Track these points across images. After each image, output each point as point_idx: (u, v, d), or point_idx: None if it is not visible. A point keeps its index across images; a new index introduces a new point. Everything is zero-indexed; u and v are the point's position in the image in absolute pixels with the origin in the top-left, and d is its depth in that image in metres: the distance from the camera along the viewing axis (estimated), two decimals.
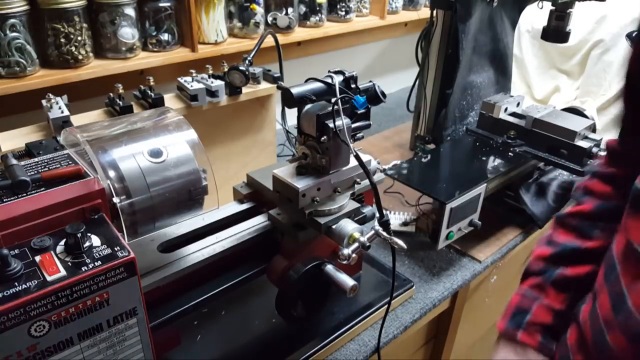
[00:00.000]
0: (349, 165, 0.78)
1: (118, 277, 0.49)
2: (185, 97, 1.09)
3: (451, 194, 1.00)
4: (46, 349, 0.47)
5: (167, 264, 0.67)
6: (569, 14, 1.23)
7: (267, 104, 1.24)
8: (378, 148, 1.62)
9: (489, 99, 1.29)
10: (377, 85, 0.77)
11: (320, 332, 0.86)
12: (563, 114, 1.25)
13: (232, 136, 1.21)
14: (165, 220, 0.65)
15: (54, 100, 0.94)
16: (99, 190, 0.55)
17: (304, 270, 0.74)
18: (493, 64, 1.46)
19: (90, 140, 0.61)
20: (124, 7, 1.24)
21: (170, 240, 0.73)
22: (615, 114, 1.69)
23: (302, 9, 1.68)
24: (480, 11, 1.34)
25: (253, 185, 0.87)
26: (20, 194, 0.52)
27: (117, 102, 1.01)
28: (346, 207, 0.78)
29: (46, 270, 0.47)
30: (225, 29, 1.47)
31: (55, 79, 1.17)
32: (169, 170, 0.63)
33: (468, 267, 1.11)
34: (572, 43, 1.70)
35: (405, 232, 1.19)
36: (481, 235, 1.16)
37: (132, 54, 1.30)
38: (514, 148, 1.21)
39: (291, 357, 0.82)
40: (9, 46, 1.11)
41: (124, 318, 0.52)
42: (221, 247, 0.72)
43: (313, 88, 0.71)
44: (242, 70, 1.07)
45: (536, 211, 1.19)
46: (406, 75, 2.14)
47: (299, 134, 0.77)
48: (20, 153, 0.63)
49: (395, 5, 1.96)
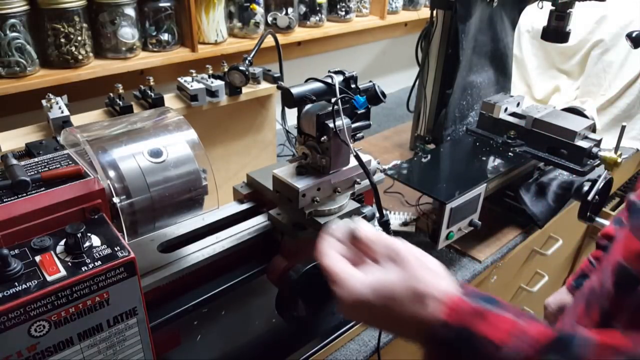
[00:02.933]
0: (349, 165, 0.78)
1: (118, 277, 0.49)
2: (185, 97, 1.09)
3: (451, 194, 1.00)
4: (46, 349, 0.47)
5: (167, 264, 0.67)
6: (569, 14, 1.23)
7: (267, 104, 1.23)
8: (378, 148, 1.62)
9: (489, 99, 1.29)
10: (377, 85, 0.77)
11: (320, 332, 0.86)
12: (563, 114, 1.25)
13: (232, 136, 1.21)
14: (165, 220, 0.65)
15: (54, 100, 0.94)
16: (99, 190, 0.55)
17: (304, 270, 0.74)
18: (493, 64, 1.46)
19: (90, 140, 0.61)
20: (124, 7, 1.24)
21: (170, 240, 0.73)
22: (616, 114, 1.69)
23: (302, 9, 1.68)
24: (480, 11, 1.34)
25: (253, 185, 0.87)
26: (20, 194, 0.52)
27: (117, 102, 1.01)
28: (346, 207, 0.78)
29: (46, 270, 0.47)
30: (225, 29, 1.47)
31: (55, 79, 1.17)
32: (169, 170, 0.63)
33: (468, 267, 1.11)
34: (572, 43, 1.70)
35: (405, 232, 1.19)
36: (481, 235, 1.16)
37: (132, 54, 1.30)
38: (514, 148, 1.21)
39: (291, 357, 0.82)
40: (9, 46, 1.10)
41: (124, 318, 0.52)
42: (221, 247, 0.72)
43: (313, 88, 0.71)
44: (242, 70, 1.07)
45: (536, 211, 1.19)
46: (406, 75, 2.14)
47: (299, 134, 0.77)
48: (20, 153, 0.63)
49: (395, 5, 1.96)
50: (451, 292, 0.49)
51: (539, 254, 1.39)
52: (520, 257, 1.32)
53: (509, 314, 0.46)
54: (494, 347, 0.44)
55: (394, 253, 0.52)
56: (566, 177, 1.30)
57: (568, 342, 0.42)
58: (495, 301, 0.48)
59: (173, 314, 0.67)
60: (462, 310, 0.46)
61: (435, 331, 0.47)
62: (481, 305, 0.47)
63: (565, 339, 0.43)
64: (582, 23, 1.68)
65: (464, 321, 0.46)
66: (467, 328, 0.45)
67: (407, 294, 0.49)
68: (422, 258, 0.52)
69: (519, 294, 1.47)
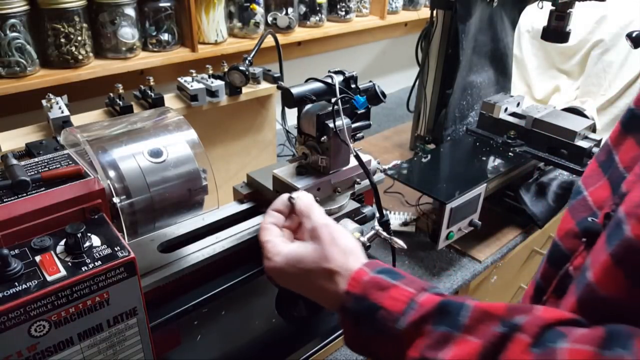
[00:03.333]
0: (349, 165, 0.78)
1: (118, 277, 0.49)
2: (185, 97, 1.09)
3: (451, 194, 1.00)
4: (46, 349, 0.47)
5: (167, 264, 0.67)
6: (569, 14, 1.23)
7: (267, 104, 1.24)
8: (378, 148, 1.62)
9: (489, 99, 1.29)
10: (377, 85, 0.77)
11: (320, 332, 0.86)
12: (563, 114, 1.25)
13: (232, 136, 1.21)
14: (165, 220, 0.65)
15: (54, 100, 0.94)
16: (99, 190, 0.55)
17: None
18: (493, 64, 1.46)
19: (90, 140, 0.61)
20: (124, 7, 1.24)
21: (170, 240, 0.73)
22: (616, 114, 1.69)
23: (302, 9, 1.68)
24: (480, 11, 1.34)
25: (253, 185, 0.87)
26: (20, 194, 0.52)
27: (117, 102, 1.01)
28: (346, 207, 0.78)
29: (46, 270, 0.47)
30: (225, 29, 1.47)
31: (55, 79, 1.17)
32: (169, 170, 0.63)
33: (468, 267, 1.11)
34: (572, 43, 1.70)
35: (405, 232, 1.19)
36: (481, 235, 1.16)
37: (132, 54, 1.30)
38: (514, 148, 1.21)
39: (291, 357, 0.82)
40: (9, 46, 1.11)
41: (124, 318, 0.52)
42: (221, 247, 0.72)
43: (313, 88, 0.71)
44: (242, 70, 1.07)
45: (536, 211, 1.19)
46: (406, 75, 2.14)
47: (299, 134, 0.77)
48: (20, 153, 0.63)
49: (395, 5, 1.96)
50: (356, 267, 0.55)
51: (539, 254, 1.39)
52: (520, 257, 1.32)
53: (405, 285, 0.51)
54: (387, 314, 0.49)
55: (313, 230, 0.59)
56: (566, 177, 1.30)
57: (450, 308, 0.46)
58: (397, 274, 0.53)
59: (173, 314, 0.66)
60: (362, 281, 0.52)
61: (342, 301, 0.53)
62: (381, 277, 0.52)
63: (448, 304, 0.47)
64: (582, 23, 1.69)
65: (364, 291, 0.52)
66: (366, 297, 0.51)
67: (317, 270, 0.56)
68: (335, 236, 0.58)
69: (519, 294, 1.47)
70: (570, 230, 0.52)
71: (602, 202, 0.51)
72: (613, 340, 0.37)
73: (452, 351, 0.44)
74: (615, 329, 0.38)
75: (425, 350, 0.46)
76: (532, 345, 0.40)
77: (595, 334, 0.38)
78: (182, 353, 0.79)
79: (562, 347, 0.39)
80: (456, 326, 0.45)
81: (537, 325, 0.41)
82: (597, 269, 0.42)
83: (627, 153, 0.50)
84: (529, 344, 0.40)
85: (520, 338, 0.41)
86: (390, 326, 0.49)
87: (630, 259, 0.39)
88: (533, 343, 0.40)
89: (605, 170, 0.53)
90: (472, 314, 0.45)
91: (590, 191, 0.54)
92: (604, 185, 0.52)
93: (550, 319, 0.42)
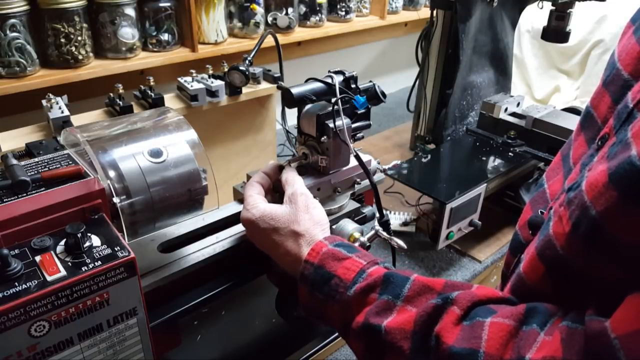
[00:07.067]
0: (349, 165, 0.78)
1: (118, 277, 0.49)
2: (185, 97, 1.09)
3: (451, 194, 1.00)
4: (46, 349, 0.47)
5: (167, 264, 0.67)
6: (569, 14, 1.23)
7: (267, 104, 1.24)
8: (378, 148, 1.62)
9: (489, 99, 1.29)
10: (377, 85, 0.77)
11: (320, 332, 0.86)
12: (563, 114, 1.25)
13: (232, 136, 1.21)
14: (165, 220, 0.65)
15: (54, 100, 0.94)
16: (99, 190, 0.55)
17: None
18: (493, 64, 1.46)
19: (90, 140, 0.61)
20: (124, 7, 1.24)
21: (170, 240, 0.73)
22: None
23: (302, 9, 1.68)
24: (480, 11, 1.34)
25: None
26: (20, 194, 0.52)
27: (117, 102, 1.01)
28: (346, 207, 0.78)
29: (46, 270, 0.47)
30: (225, 29, 1.47)
31: (55, 79, 1.17)
32: (169, 170, 0.63)
33: (468, 267, 1.11)
34: (572, 43, 1.70)
35: (405, 232, 1.19)
36: (481, 235, 1.16)
37: (132, 54, 1.30)
38: (514, 148, 1.21)
39: (291, 357, 0.82)
40: (9, 46, 1.11)
41: (124, 318, 0.52)
42: (221, 247, 0.72)
43: (313, 88, 0.71)
44: (242, 70, 1.07)
45: None
46: (406, 75, 2.14)
47: (299, 134, 0.77)
48: (20, 153, 0.63)
49: (395, 5, 1.96)
50: (319, 237, 0.59)
51: None
52: None
53: (359, 257, 0.55)
54: (340, 281, 0.54)
55: (292, 195, 0.64)
56: None
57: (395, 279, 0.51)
58: (353, 248, 0.58)
59: (173, 314, 0.66)
60: (321, 252, 0.57)
61: (302, 268, 0.57)
62: (338, 249, 0.57)
63: (393, 275, 0.52)
64: (582, 23, 1.69)
65: (321, 261, 0.56)
66: (322, 267, 0.56)
67: (286, 230, 0.61)
68: (309, 205, 0.63)
69: None
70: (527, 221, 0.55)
71: (555, 195, 0.53)
72: (531, 316, 0.42)
73: (393, 318, 0.48)
74: (535, 306, 0.43)
75: (369, 316, 0.50)
76: (462, 318, 0.45)
77: (518, 310, 0.43)
78: (182, 353, 0.79)
79: (488, 320, 0.43)
80: (398, 296, 0.50)
81: (468, 300, 0.46)
82: (526, 261, 0.47)
83: (578, 149, 0.53)
84: (460, 316, 0.45)
85: (452, 310, 0.46)
86: (342, 292, 0.53)
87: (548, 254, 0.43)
88: (463, 316, 0.45)
89: (564, 164, 0.56)
90: (413, 286, 0.50)
91: (549, 184, 0.57)
92: (560, 179, 0.55)
93: (482, 296, 0.47)
